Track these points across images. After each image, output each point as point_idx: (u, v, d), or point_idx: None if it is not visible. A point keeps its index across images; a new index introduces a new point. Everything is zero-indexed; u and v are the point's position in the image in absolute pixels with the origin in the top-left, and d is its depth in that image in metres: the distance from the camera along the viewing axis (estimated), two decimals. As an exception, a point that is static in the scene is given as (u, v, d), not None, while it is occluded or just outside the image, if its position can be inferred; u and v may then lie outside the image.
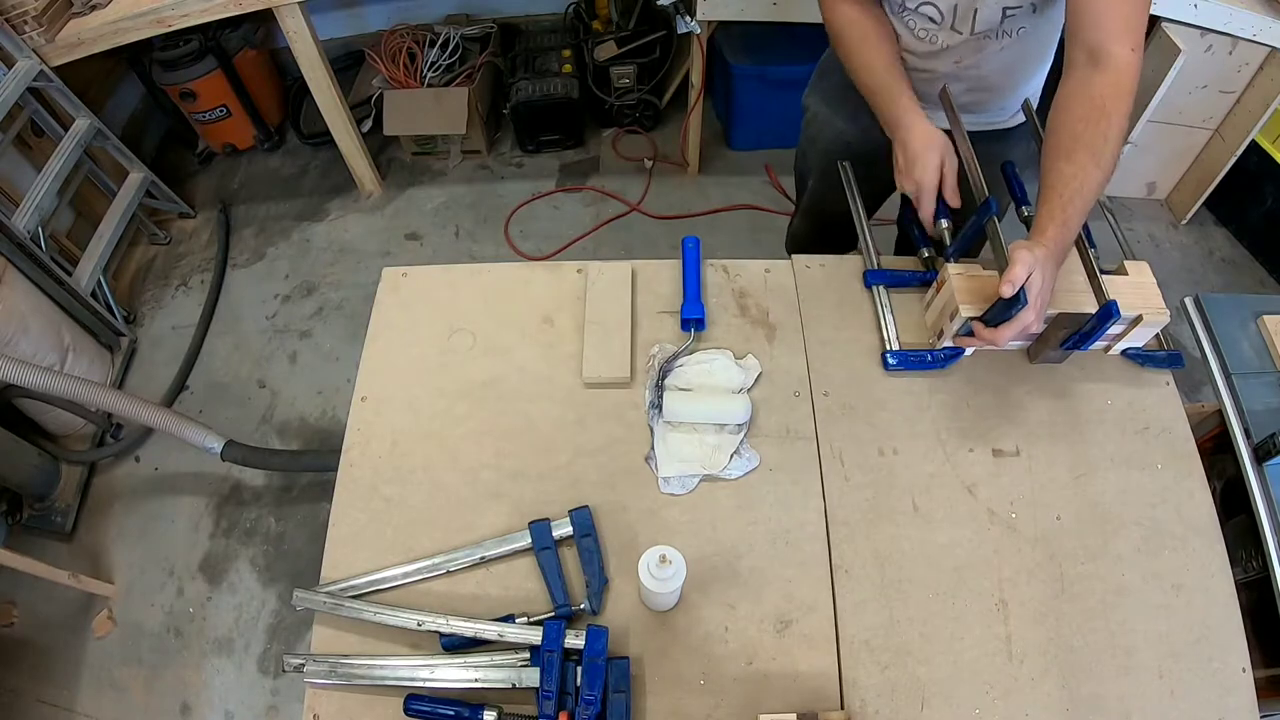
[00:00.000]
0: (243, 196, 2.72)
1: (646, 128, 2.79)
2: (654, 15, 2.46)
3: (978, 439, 1.01)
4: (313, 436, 2.13)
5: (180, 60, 2.37)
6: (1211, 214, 2.56)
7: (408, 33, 2.65)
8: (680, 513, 0.96)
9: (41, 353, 1.87)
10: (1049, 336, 1.01)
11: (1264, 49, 2.02)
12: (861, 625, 0.89)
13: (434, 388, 1.05)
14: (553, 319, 1.11)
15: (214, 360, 2.29)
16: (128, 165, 2.34)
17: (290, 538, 1.95)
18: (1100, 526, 0.95)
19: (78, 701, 1.73)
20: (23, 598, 1.86)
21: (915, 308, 1.11)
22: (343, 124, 2.40)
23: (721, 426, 1.01)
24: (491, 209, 2.63)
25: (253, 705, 1.72)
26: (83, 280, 2.07)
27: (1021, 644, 0.88)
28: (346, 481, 0.98)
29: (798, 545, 0.93)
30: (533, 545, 0.91)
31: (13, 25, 1.87)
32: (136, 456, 2.08)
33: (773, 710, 0.80)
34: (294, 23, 2.06)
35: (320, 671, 0.84)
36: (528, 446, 1.01)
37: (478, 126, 2.64)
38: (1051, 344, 1.01)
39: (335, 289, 2.44)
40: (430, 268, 1.17)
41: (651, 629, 0.88)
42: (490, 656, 0.84)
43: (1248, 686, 0.87)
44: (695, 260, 1.13)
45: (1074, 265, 0.98)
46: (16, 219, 1.86)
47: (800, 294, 1.13)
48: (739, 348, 1.08)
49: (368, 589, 0.90)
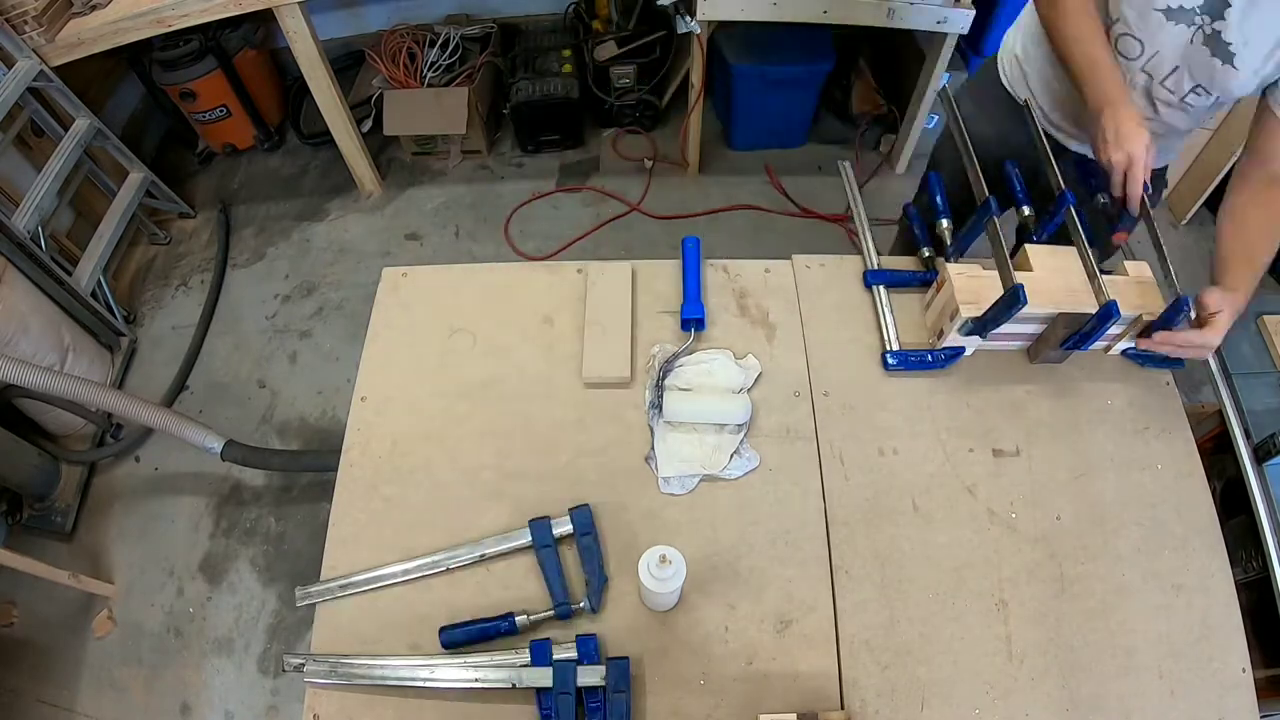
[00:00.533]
0: (243, 196, 2.72)
1: (646, 128, 2.79)
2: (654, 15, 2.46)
3: (978, 439, 1.01)
4: (313, 436, 2.13)
5: (180, 60, 2.37)
6: (1211, 214, 2.55)
7: (408, 33, 2.65)
8: (680, 513, 0.96)
9: (41, 353, 1.87)
10: (1049, 336, 1.01)
11: (1264, 49, 2.01)
12: (861, 625, 0.89)
13: (434, 388, 1.05)
14: (553, 319, 1.11)
15: (214, 360, 2.29)
16: (128, 165, 2.34)
17: (290, 538, 1.95)
18: (1100, 526, 0.95)
19: (78, 701, 1.73)
20: (23, 598, 1.86)
21: (915, 307, 1.11)
22: (343, 124, 2.40)
23: (721, 426, 1.01)
24: (491, 209, 2.63)
25: (253, 705, 1.72)
26: (83, 280, 2.07)
27: (1021, 644, 0.88)
28: (346, 481, 0.98)
29: (798, 545, 0.93)
30: (533, 543, 0.91)
31: (13, 25, 1.87)
32: (136, 456, 2.08)
33: (773, 710, 0.80)
34: (294, 23, 2.06)
35: (320, 671, 0.84)
36: (528, 446, 1.01)
37: (478, 126, 2.64)
38: (1051, 344, 1.01)
39: (335, 289, 2.44)
40: (430, 268, 1.17)
41: (651, 629, 0.88)
42: (490, 656, 0.84)
43: (1248, 686, 0.87)
44: (695, 260, 1.13)
45: (1074, 265, 0.98)
46: (16, 219, 1.86)
47: (800, 294, 1.13)
48: (739, 348, 1.08)
49: (367, 585, 0.90)
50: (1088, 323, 0.95)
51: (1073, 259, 0.99)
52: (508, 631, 0.86)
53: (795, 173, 2.66)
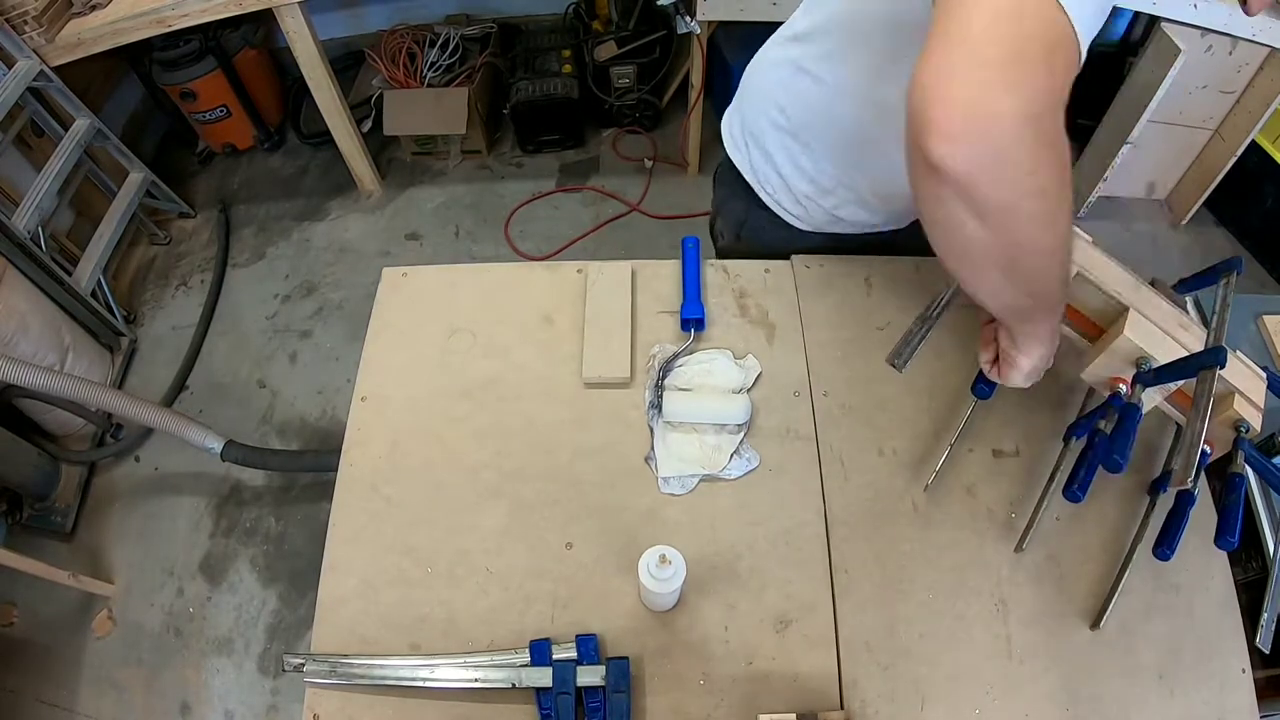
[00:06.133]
0: (243, 196, 2.72)
1: (646, 128, 2.79)
2: (654, 15, 2.46)
3: (978, 439, 1.01)
4: (313, 436, 2.13)
5: (180, 60, 2.37)
6: (1211, 214, 2.56)
7: (408, 33, 2.65)
8: (680, 513, 0.96)
9: (41, 353, 1.87)
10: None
11: (1264, 49, 2.01)
12: (861, 625, 0.89)
13: (434, 388, 1.05)
14: (553, 319, 1.11)
15: (214, 360, 2.29)
16: (128, 165, 2.34)
17: (290, 538, 1.95)
18: (1101, 525, 0.95)
19: (78, 701, 1.74)
20: (23, 598, 1.86)
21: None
22: (343, 124, 2.40)
23: (721, 426, 1.01)
24: (491, 209, 2.63)
25: (253, 705, 1.72)
26: (83, 280, 2.07)
27: (1021, 644, 0.88)
28: (346, 481, 0.98)
29: (798, 545, 0.93)
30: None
31: (13, 25, 1.87)
32: (136, 456, 2.09)
33: (773, 710, 0.80)
34: (294, 23, 2.07)
35: (320, 671, 0.84)
36: (528, 446, 1.01)
37: (478, 126, 2.64)
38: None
39: (335, 289, 2.44)
40: (430, 268, 1.17)
41: (651, 629, 0.88)
42: (490, 656, 0.84)
43: (1248, 686, 0.87)
44: (695, 260, 1.13)
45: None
46: (16, 219, 1.86)
47: (800, 294, 1.13)
48: (739, 348, 1.08)
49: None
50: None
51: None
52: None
53: (795, 173, 2.66)
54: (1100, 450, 0.82)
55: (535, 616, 0.89)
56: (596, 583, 0.91)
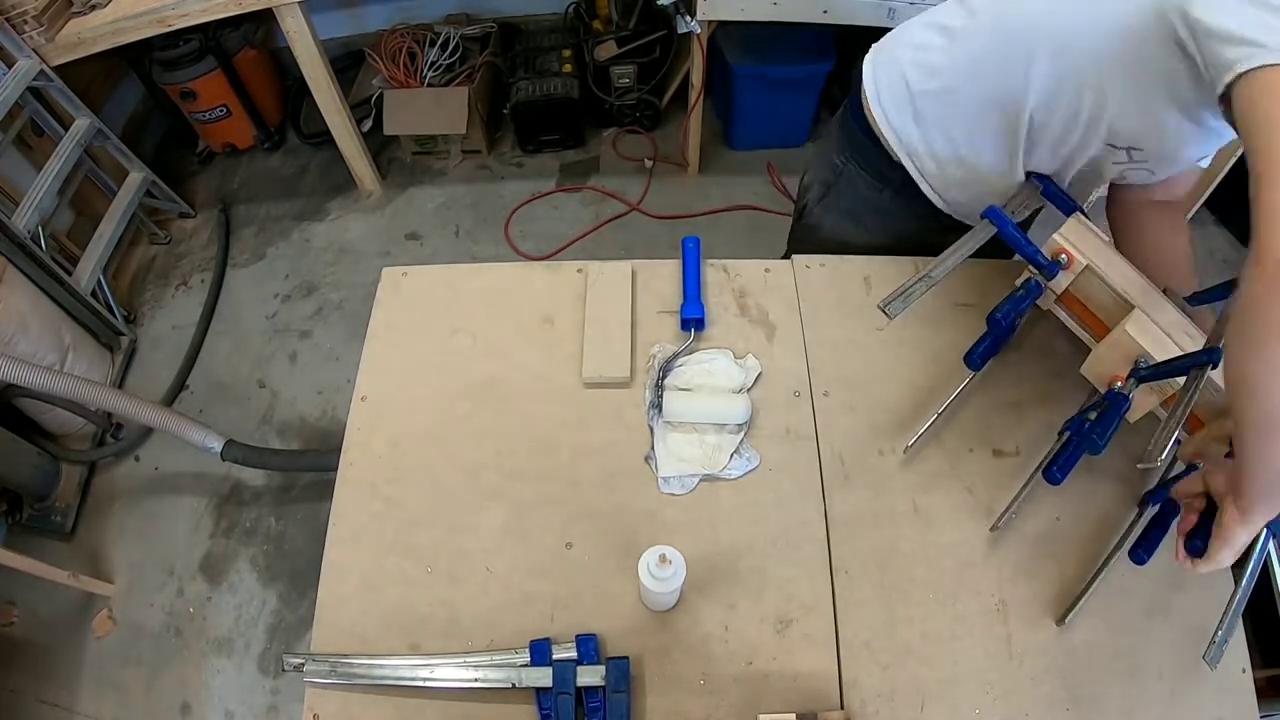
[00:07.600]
0: (243, 196, 2.72)
1: (646, 128, 2.79)
2: (654, 15, 2.46)
3: (978, 439, 1.01)
4: (313, 436, 2.13)
5: (180, 60, 2.37)
6: (1211, 214, 2.55)
7: (408, 33, 2.65)
8: (680, 513, 0.96)
9: (41, 352, 1.87)
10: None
11: (1264, 49, 2.01)
12: (861, 625, 0.89)
13: (434, 388, 1.05)
14: (553, 319, 1.11)
15: (214, 360, 2.29)
16: (128, 165, 2.34)
17: (290, 538, 1.95)
18: (1100, 526, 0.95)
19: (78, 701, 1.73)
20: (23, 598, 1.86)
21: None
22: (343, 124, 2.40)
23: (721, 426, 1.01)
24: (491, 209, 2.63)
25: (253, 705, 1.72)
26: (83, 280, 2.07)
27: (1021, 644, 0.88)
28: (346, 481, 0.98)
29: (798, 545, 0.93)
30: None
31: (13, 25, 1.87)
32: (136, 456, 2.08)
33: (773, 710, 0.80)
34: (294, 22, 2.06)
35: (320, 671, 0.84)
36: (528, 446, 1.01)
37: (478, 126, 2.64)
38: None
39: (335, 289, 2.44)
40: (430, 268, 1.17)
41: (651, 629, 0.88)
42: (490, 656, 0.84)
43: (1248, 687, 0.87)
44: (695, 260, 1.13)
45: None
46: (16, 219, 1.86)
47: (800, 294, 1.13)
48: (739, 347, 1.08)
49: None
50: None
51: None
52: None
53: (795, 173, 2.65)
54: (1084, 434, 0.83)
55: (535, 616, 0.89)
56: (596, 583, 0.91)
